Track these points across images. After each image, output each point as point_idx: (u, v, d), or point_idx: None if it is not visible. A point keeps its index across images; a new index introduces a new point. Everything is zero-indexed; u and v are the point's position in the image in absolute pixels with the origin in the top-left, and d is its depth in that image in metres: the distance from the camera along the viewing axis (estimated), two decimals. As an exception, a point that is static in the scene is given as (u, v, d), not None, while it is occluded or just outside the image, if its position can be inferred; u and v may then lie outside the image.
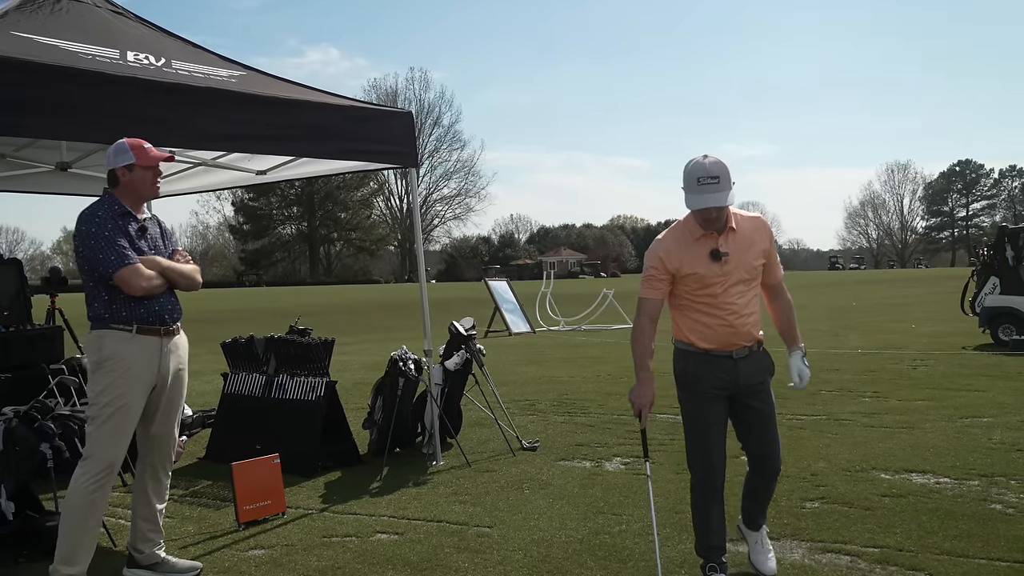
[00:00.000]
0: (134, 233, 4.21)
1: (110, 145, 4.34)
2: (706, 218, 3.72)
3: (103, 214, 4.13)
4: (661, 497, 5.52)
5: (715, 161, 3.64)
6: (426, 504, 5.54)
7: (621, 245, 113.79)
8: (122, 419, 4.08)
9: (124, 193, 4.23)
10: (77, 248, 4.13)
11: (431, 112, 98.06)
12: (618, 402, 9.24)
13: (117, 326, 4.09)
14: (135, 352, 4.10)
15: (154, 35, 6.17)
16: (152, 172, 4.26)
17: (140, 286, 4.07)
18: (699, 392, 3.93)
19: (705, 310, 3.85)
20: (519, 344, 17.44)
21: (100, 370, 4.07)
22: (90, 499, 4.05)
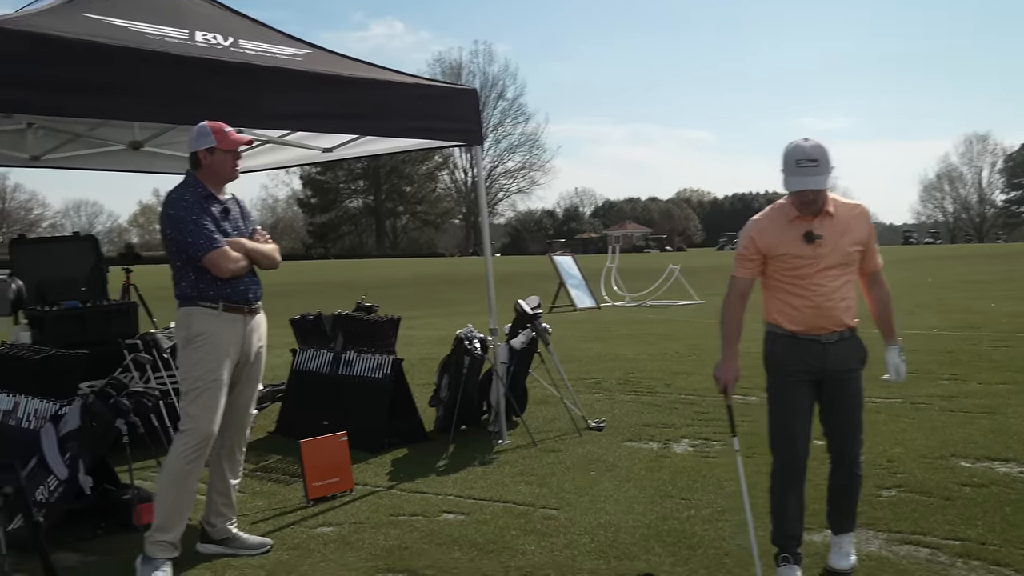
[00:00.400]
0: (218, 215, 4.32)
1: (180, 125, 4.42)
2: (803, 201, 3.68)
3: (189, 198, 4.25)
4: (732, 482, 5.41)
5: (815, 144, 3.62)
6: (492, 484, 5.53)
7: (687, 219, 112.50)
8: (214, 392, 4.21)
9: (206, 175, 4.34)
10: (164, 230, 4.27)
11: (495, 85, 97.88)
12: (685, 381, 9.12)
13: (205, 304, 4.24)
14: (222, 329, 4.25)
15: (223, 15, 6.20)
16: (232, 155, 4.36)
17: (228, 268, 4.22)
18: (784, 375, 3.89)
19: (793, 291, 3.81)
20: (584, 320, 17.35)
21: (190, 346, 4.22)
22: (186, 469, 4.20)
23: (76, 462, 4.35)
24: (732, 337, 3.93)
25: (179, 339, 4.29)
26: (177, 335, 4.32)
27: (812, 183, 3.61)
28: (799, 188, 3.63)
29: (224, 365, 4.24)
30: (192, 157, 4.34)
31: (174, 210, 4.21)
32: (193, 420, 4.19)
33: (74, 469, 4.33)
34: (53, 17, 4.96)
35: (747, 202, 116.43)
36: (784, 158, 3.66)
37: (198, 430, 4.18)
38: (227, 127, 4.37)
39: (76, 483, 4.31)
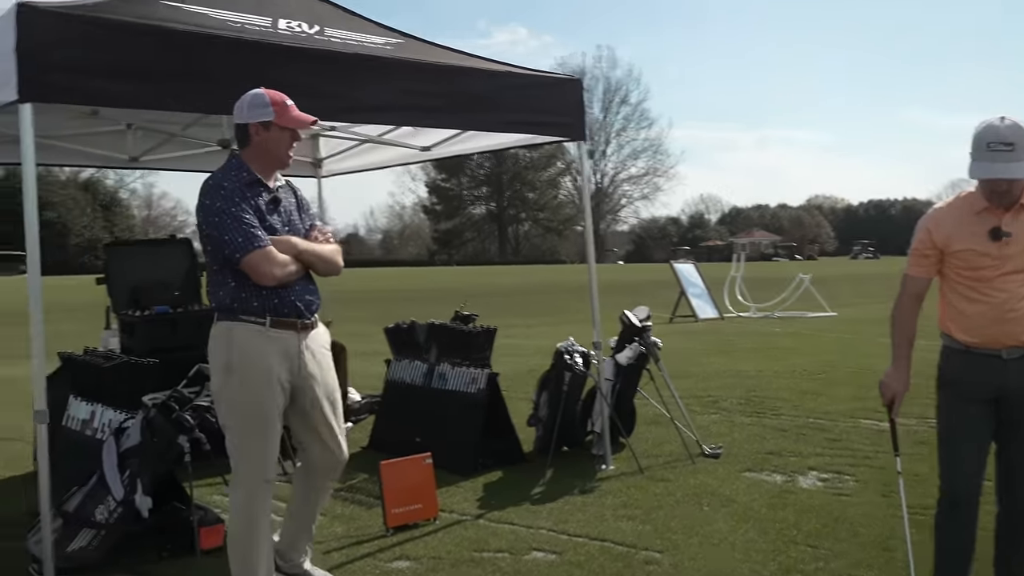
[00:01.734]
0: (264, 206, 3.58)
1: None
2: (993, 191, 3.17)
3: (229, 185, 3.51)
4: (866, 527, 4.66)
5: (1012, 124, 3.09)
6: (590, 518, 4.94)
7: (819, 226, 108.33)
8: (264, 431, 3.55)
9: (255, 155, 3.60)
10: (200, 225, 3.54)
11: (618, 90, 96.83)
12: (814, 402, 8.27)
13: (248, 318, 3.49)
14: (270, 350, 3.50)
15: (310, 3, 5.84)
16: (290, 135, 3.63)
17: (272, 274, 3.46)
18: (955, 395, 3.39)
19: (970, 296, 3.26)
20: (705, 331, 16.49)
21: (230, 372, 3.49)
22: (247, 516, 3.58)
23: (134, 481, 4.03)
24: (903, 343, 3.47)
25: (216, 363, 3.53)
26: (213, 358, 3.54)
27: (1003, 171, 3.07)
28: (986, 176, 3.13)
29: (274, 396, 3.53)
30: (240, 131, 3.60)
31: (209, 199, 3.46)
32: (242, 462, 3.55)
33: (131, 489, 4.01)
34: (126, 3, 4.69)
35: (884, 208, 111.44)
36: (974, 140, 3.15)
37: (248, 472, 3.55)
38: (289, 100, 3.62)
39: (132, 504, 3.98)
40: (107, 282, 6.60)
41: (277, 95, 3.60)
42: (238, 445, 3.53)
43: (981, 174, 3.14)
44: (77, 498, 4.23)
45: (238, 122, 3.59)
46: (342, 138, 7.70)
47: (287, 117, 3.58)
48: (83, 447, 4.76)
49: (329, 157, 8.30)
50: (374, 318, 8.20)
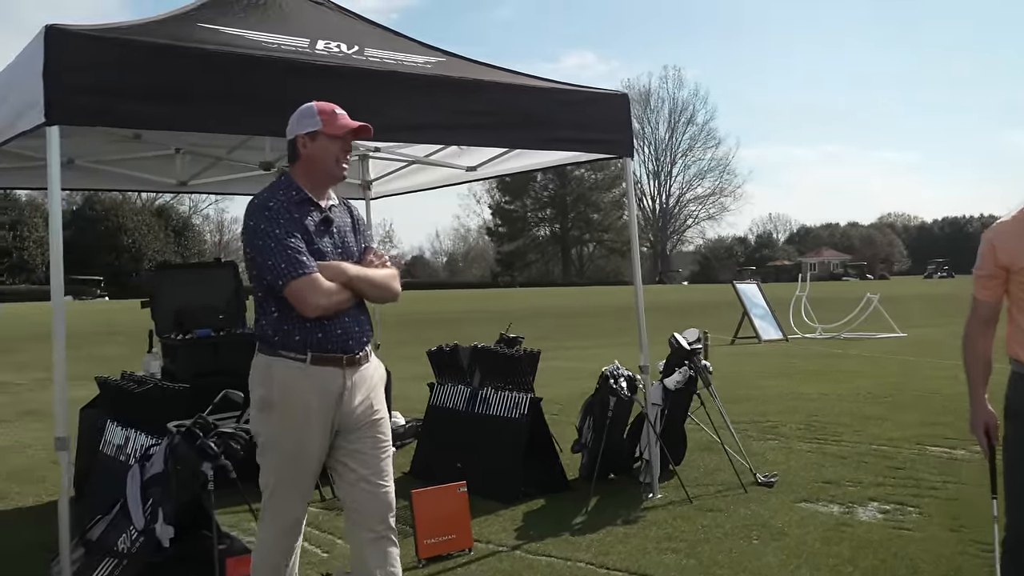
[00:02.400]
0: (314, 228, 3.27)
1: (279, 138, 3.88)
2: None
3: (275, 205, 3.21)
4: (929, 564, 4.36)
5: None
6: (632, 550, 4.72)
7: (891, 245, 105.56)
8: (297, 469, 3.29)
9: (303, 171, 3.32)
10: (244, 248, 3.28)
11: (685, 110, 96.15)
12: (878, 428, 7.90)
13: (288, 354, 3.19)
14: (309, 388, 3.21)
15: (351, 23, 5.82)
16: (340, 145, 3.32)
17: (316, 304, 3.15)
18: (1022, 424, 3.08)
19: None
20: (768, 353, 16.05)
21: (267, 409, 3.24)
22: (273, 555, 3.38)
23: (156, 510, 3.94)
24: (977, 375, 3.25)
25: (254, 397, 3.30)
26: (252, 391, 3.31)
27: None
28: None
29: (312, 437, 3.24)
30: (288, 147, 3.36)
31: (254, 220, 3.20)
32: (272, 503, 3.34)
33: (152, 518, 3.92)
34: (162, 26, 4.70)
35: (959, 226, 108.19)
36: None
37: (278, 515, 3.35)
38: (339, 109, 3.35)
39: (153, 534, 3.90)
40: (151, 305, 6.62)
41: (326, 105, 3.35)
42: (271, 484, 3.32)
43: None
44: (100, 526, 4.17)
45: (287, 138, 3.36)
46: (388, 159, 7.68)
47: (334, 125, 3.30)
48: (117, 473, 4.71)
49: (377, 179, 8.29)
50: (429, 340, 8.13)
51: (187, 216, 74.29)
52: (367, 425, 3.36)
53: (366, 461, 3.36)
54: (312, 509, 5.65)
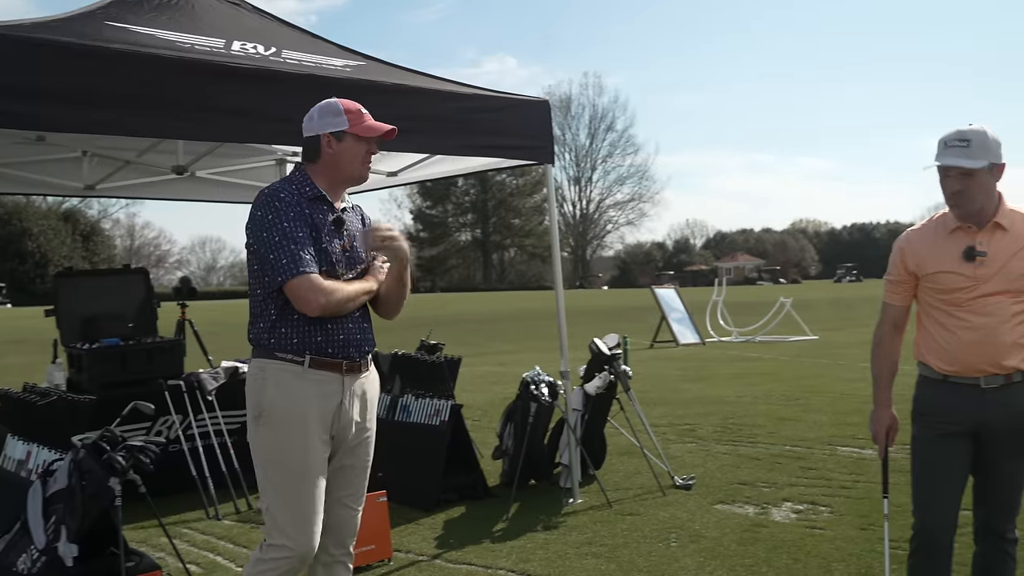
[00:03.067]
0: (326, 227, 3.06)
1: (192, 141, 3.77)
2: (949, 193, 3.05)
3: (287, 197, 3.01)
4: (840, 562, 4.47)
5: (976, 128, 3.03)
6: (552, 556, 4.73)
7: (803, 250, 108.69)
8: (307, 488, 2.98)
9: (323, 170, 3.11)
10: (248, 239, 3.05)
11: (605, 117, 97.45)
12: (791, 429, 8.10)
13: (284, 356, 3.00)
14: (307, 393, 2.99)
15: (270, 25, 5.71)
16: (366, 147, 3.14)
17: (317, 303, 2.92)
18: (930, 428, 3.21)
19: (944, 321, 3.12)
20: (685, 356, 16.33)
21: (262, 420, 3.00)
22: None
23: (59, 528, 3.78)
24: (883, 377, 3.36)
25: (249, 406, 3.04)
26: (247, 401, 3.07)
27: (953, 158, 2.99)
28: (935, 163, 3.04)
29: (314, 447, 3.00)
30: (310, 143, 3.13)
31: (261, 211, 2.98)
32: (277, 529, 2.98)
33: (55, 536, 3.76)
34: (67, 23, 4.52)
35: (867, 232, 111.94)
36: (937, 144, 3.09)
37: (292, 546, 2.96)
38: (364, 109, 3.17)
39: (55, 553, 3.74)
40: (56, 312, 6.36)
41: (351, 103, 3.17)
42: (273, 505, 3.01)
43: (932, 162, 3.07)
44: (0, 546, 3.99)
45: (307, 134, 3.14)
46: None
47: (363, 126, 3.11)
48: (17, 489, 4.50)
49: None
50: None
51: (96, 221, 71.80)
52: (359, 444, 3.18)
53: (350, 481, 3.19)
54: (226, 522, 5.53)
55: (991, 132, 3.03)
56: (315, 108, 3.16)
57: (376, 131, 3.14)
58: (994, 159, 3.00)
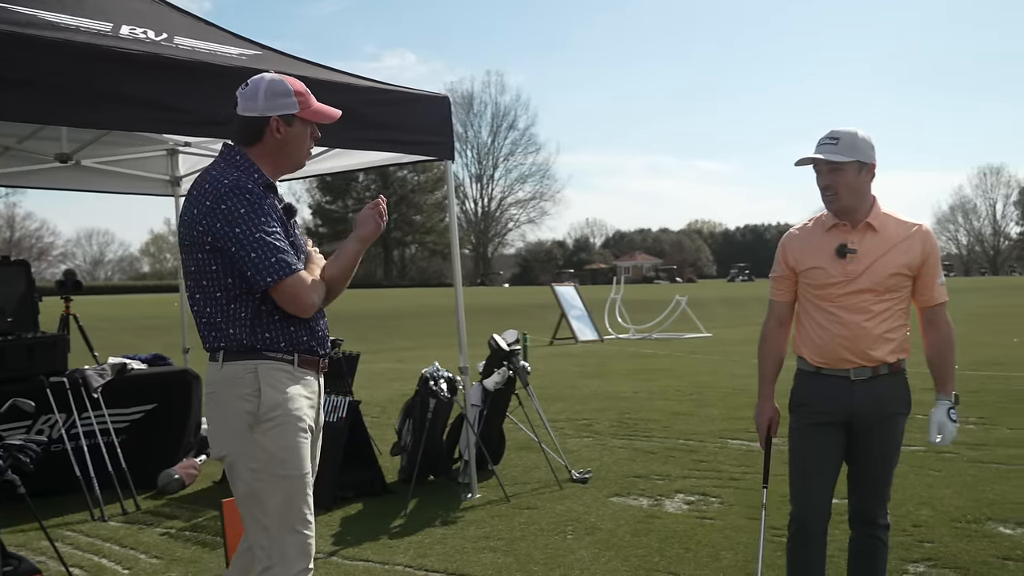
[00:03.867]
0: (280, 219, 2.80)
1: (81, 129, 3.60)
2: (821, 187, 3.21)
3: (254, 188, 2.72)
4: (729, 550, 4.62)
5: (848, 129, 3.18)
6: (450, 551, 4.73)
7: (698, 250, 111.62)
8: (304, 488, 2.78)
9: (267, 154, 2.83)
10: (206, 236, 2.68)
11: (507, 115, 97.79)
12: (684, 424, 8.31)
13: (274, 355, 2.74)
14: (301, 393, 2.80)
15: (161, 10, 5.52)
16: (312, 132, 2.93)
17: (312, 303, 2.75)
18: (805, 418, 3.34)
19: (817, 316, 3.27)
20: (584, 353, 16.57)
21: (262, 425, 2.69)
22: None
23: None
24: (767, 371, 3.49)
25: (232, 413, 2.70)
26: (222, 411, 2.73)
27: (822, 152, 3.14)
28: (805, 157, 3.17)
29: (308, 448, 2.81)
30: (250, 125, 2.82)
31: (228, 203, 2.65)
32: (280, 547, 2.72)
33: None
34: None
35: (759, 233, 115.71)
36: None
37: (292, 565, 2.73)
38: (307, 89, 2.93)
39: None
40: (-73, 307, 6.01)
41: (298, 83, 2.90)
42: (277, 525, 2.71)
43: (802, 156, 3.19)
44: None
45: (249, 114, 2.82)
46: (201, 154, 7.34)
47: (313, 111, 2.88)
48: None
49: (189, 175, 7.90)
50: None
51: (-29, 211, 68.24)
52: (319, 440, 3.01)
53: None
54: (112, 524, 5.35)
55: (862, 133, 3.17)
56: (258, 85, 2.84)
57: (328, 117, 2.93)
58: (863, 158, 3.14)
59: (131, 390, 6.34)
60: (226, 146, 2.86)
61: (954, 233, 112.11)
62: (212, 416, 2.78)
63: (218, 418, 2.75)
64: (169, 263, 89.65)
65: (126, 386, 6.27)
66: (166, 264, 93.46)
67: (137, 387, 6.40)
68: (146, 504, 5.80)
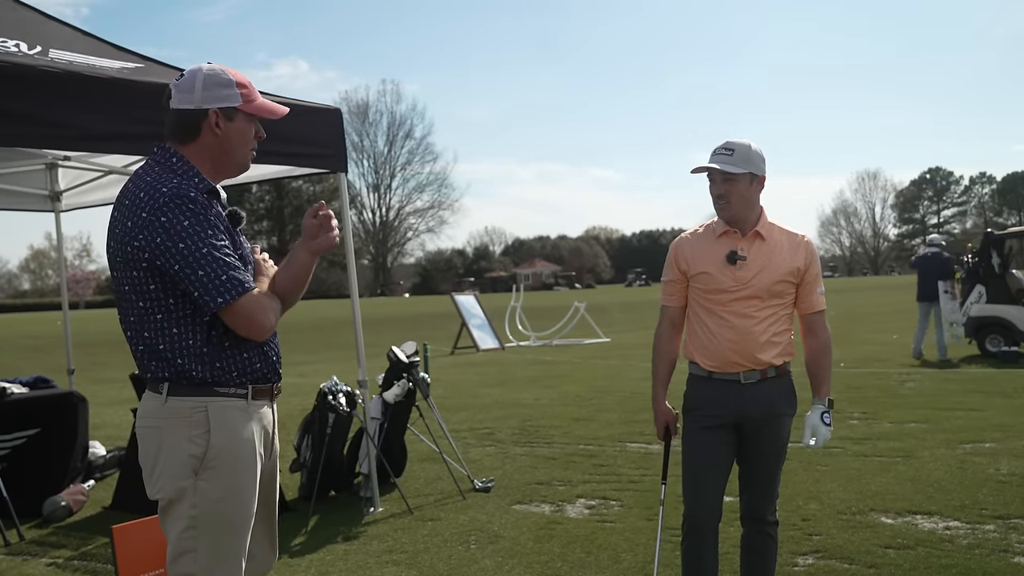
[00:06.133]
0: (227, 228, 2.55)
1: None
2: (714, 196, 3.32)
3: (197, 196, 2.44)
4: (629, 552, 4.71)
5: (742, 141, 3.32)
6: (353, 566, 4.68)
7: (596, 256, 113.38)
8: (244, 539, 2.56)
9: (207, 154, 2.56)
10: (139, 252, 2.40)
11: (403, 124, 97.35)
12: (584, 429, 8.44)
13: (226, 390, 2.51)
14: (252, 432, 2.55)
15: (32, 19, 5.31)
16: (256, 131, 2.66)
17: (269, 326, 2.51)
18: (697, 421, 3.45)
19: (707, 321, 3.39)
20: (486, 362, 16.62)
21: (207, 471, 2.45)
22: None
23: None
24: (661, 374, 3.58)
25: (175, 459, 2.45)
26: (169, 451, 2.45)
27: (716, 162, 3.27)
28: (699, 166, 3.30)
29: (254, 496, 2.57)
30: (186, 118, 2.54)
31: (171, 215, 2.38)
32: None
33: None
34: None
35: (655, 238, 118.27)
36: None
37: None
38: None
39: None
40: None
41: (240, 74, 2.61)
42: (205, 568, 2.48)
43: (697, 165, 3.31)
44: None
45: (183, 107, 2.53)
46: (82, 168, 7.08)
47: (256, 105, 2.60)
48: None
49: (69, 189, 7.61)
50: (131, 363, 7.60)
51: None
52: (272, 473, 2.75)
53: (266, 515, 2.77)
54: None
55: (755, 146, 3.32)
56: (195, 75, 2.56)
57: (273, 113, 2.65)
58: (755, 170, 3.28)
59: (11, 415, 6.06)
60: (159, 147, 2.57)
61: (837, 236, 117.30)
62: (150, 453, 2.50)
63: (158, 457, 2.48)
64: (51, 280, 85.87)
65: (6, 411, 6.00)
66: (48, 281, 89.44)
67: (18, 412, 6.12)
68: (30, 534, 5.54)
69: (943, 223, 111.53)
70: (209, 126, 2.53)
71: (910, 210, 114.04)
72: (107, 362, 15.54)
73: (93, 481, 6.65)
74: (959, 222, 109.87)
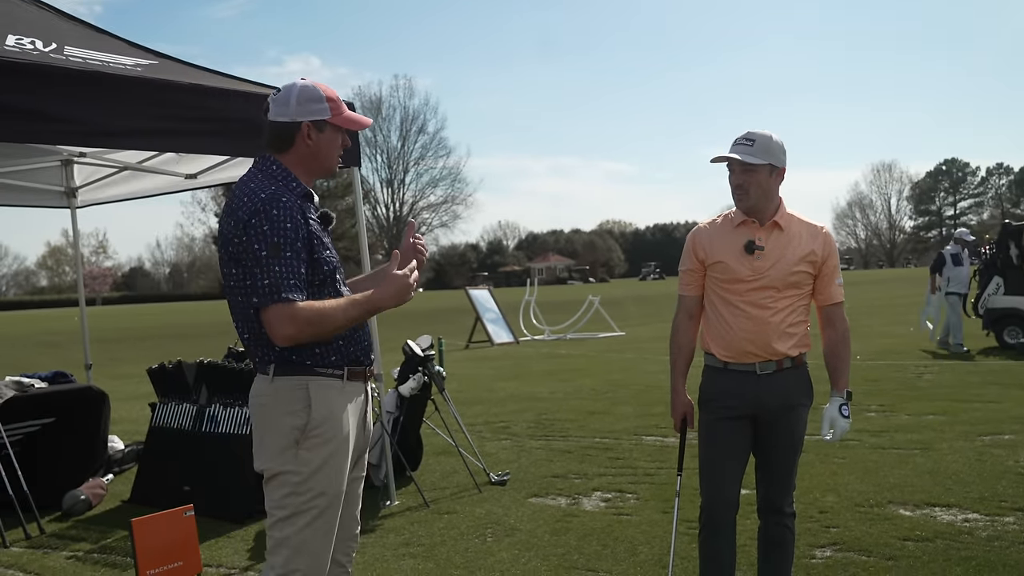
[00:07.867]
0: (319, 229, 2.75)
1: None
2: (734, 185, 3.31)
3: (288, 203, 2.63)
4: (645, 544, 4.71)
5: (763, 132, 3.31)
6: (370, 559, 4.70)
7: (610, 250, 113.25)
8: (336, 511, 2.75)
9: (300, 161, 2.78)
10: (235, 246, 2.62)
11: (416, 120, 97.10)
12: (600, 422, 8.43)
13: (325, 371, 2.71)
14: (348, 410, 2.77)
15: (49, 18, 5.34)
16: (343, 140, 2.88)
17: (284, 336, 2.58)
18: (713, 412, 3.42)
19: (724, 311, 3.37)
20: (500, 356, 16.63)
21: (307, 442, 2.64)
22: None
23: None
24: (679, 364, 3.55)
25: (279, 430, 2.64)
26: (272, 424, 2.66)
27: (736, 152, 3.25)
28: (720, 155, 3.29)
29: (348, 463, 2.78)
30: (282, 131, 2.75)
31: (260, 219, 2.59)
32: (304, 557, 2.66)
33: None
34: None
35: (668, 232, 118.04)
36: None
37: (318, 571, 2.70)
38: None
39: None
40: None
41: (329, 89, 2.83)
42: (304, 530, 2.66)
43: (716, 155, 3.30)
44: None
45: (280, 119, 2.76)
46: (97, 164, 7.12)
47: (344, 116, 2.83)
48: None
49: (85, 186, 7.66)
50: (149, 357, 7.65)
51: None
52: (363, 450, 2.95)
53: (356, 492, 2.94)
54: (15, 549, 5.15)
55: (776, 137, 3.29)
56: (290, 91, 2.78)
57: (359, 124, 2.92)
58: (776, 162, 3.26)
59: (31, 410, 6.10)
60: (261, 157, 2.80)
61: (852, 228, 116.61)
62: (258, 427, 2.73)
63: (264, 432, 2.70)
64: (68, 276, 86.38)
65: (28, 405, 6.04)
66: (65, 277, 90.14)
67: (37, 406, 6.17)
68: (51, 527, 5.59)
69: (959, 215, 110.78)
70: (302, 137, 2.76)
71: (926, 202, 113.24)
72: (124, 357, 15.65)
73: (112, 475, 6.69)
74: (976, 213, 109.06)
